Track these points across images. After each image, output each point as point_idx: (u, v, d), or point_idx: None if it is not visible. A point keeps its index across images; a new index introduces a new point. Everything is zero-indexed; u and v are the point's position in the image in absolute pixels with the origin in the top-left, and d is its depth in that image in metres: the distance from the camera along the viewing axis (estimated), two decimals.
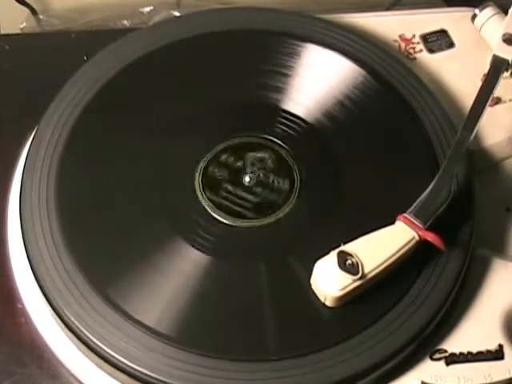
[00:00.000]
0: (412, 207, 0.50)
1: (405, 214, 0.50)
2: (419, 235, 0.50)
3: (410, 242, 0.50)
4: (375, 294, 0.50)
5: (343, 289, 0.48)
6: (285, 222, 0.54)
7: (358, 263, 0.48)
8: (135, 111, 0.58)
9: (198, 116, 0.58)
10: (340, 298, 0.48)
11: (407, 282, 0.51)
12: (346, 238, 0.49)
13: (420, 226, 0.50)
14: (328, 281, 0.48)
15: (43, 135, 0.56)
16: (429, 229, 0.49)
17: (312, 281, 0.49)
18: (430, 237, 0.49)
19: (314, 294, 0.49)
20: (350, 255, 0.48)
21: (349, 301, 0.49)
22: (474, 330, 0.51)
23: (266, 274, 0.51)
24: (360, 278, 0.48)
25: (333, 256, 0.48)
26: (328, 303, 0.49)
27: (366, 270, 0.48)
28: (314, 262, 0.49)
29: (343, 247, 0.49)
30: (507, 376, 0.50)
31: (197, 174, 0.55)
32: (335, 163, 0.56)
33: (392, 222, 0.50)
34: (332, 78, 0.60)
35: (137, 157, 0.56)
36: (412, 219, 0.50)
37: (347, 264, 0.48)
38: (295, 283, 0.50)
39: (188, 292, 0.50)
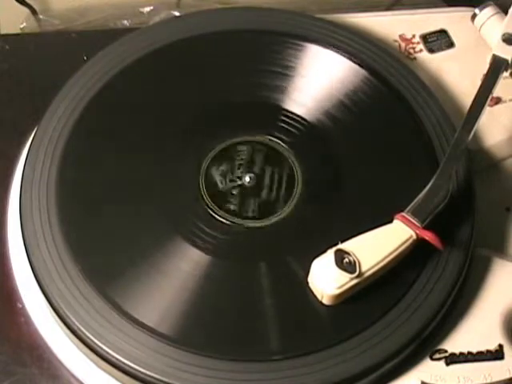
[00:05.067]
0: (410, 206, 0.50)
1: (402, 213, 0.50)
2: (417, 234, 0.50)
3: (407, 240, 0.50)
4: (375, 294, 0.50)
5: (340, 287, 0.48)
6: (285, 221, 0.54)
7: (355, 262, 0.48)
8: (135, 111, 0.58)
9: (198, 116, 0.58)
10: (337, 297, 0.48)
11: (407, 282, 0.51)
12: (347, 238, 0.49)
13: (418, 224, 0.50)
14: (325, 279, 0.48)
15: (43, 135, 0.56)
16: (427, 228, 0.49)
17: (309, 279, 0.49)
18: (428, 236, 0.49)
19: (312, 292, 0.49)
20: (348, 253, 0.48)
21: (349, 301, 0.49)
22: (474, 330, 0.51)
23: (266, 273, 0.51)
24: (357, 277, 0.48)
25: (330, 254, 0.48)
26: (325, 301, 0.49)
27: (364, 269, 0.48)
28: (313, 261, 0.49)
29: (340, 245, 0.49)
30: (507, 376, 0.50)
31: (197, 174, 0.55)
32: (335, 163, 0.56)
33: (390, 221, 0.50)
34: (332, 77, 0.60)
35: (137, 157, 0.56)
36: (410, 218, 0.50)
37: (344, 262, 0.48)
38: (295, 283, 0.50)
39: (188, 292, 0.50)
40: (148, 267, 0.51)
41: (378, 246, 0.49)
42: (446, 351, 0.50)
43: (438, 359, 0.50)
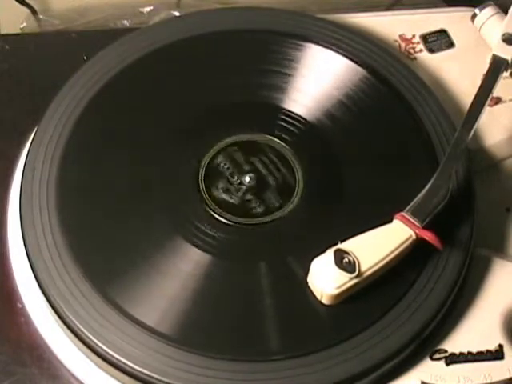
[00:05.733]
0: (409, 206, 0.50)
1: (402, 213, 0.50)
2: (416, 234, 0.50)
3: (406, 240, 0.50)
4: (375, 293, 0.50)
5: (340, 287, 0.48)
6: (285, 221, 0.54)
7: (354, 261, 0.48)
8: (135, 111, 0.58)
9: (198, 116, 0.58)
10: (336, 296, 0.48)
11: (407, 282, 0.51)
12: (346, 238, 0.49)
13: (417, 224, 0.50)
14: (325, 279, 0.48)
15: (43, 135, 0.56)
16: (426, 227, 0.49)
17: (309, 279, 0.49)
18: (427, 235, 0.49)
19: (311, 291, 0.49)
20: (347, 253, 0.48)
21: (349, 300, 0.49)
22: (474, 330, 0.51)
23: (266, 274, 0.51)
24: (356, 276, 0.48)
25: (329, 254, 0.48)
26: (325, 301, 0.49)
27: (363, 269, 0.48)
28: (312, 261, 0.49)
29: (340, 245, 0.49)
30: (507, 376, 0.50)
31: (197, 174, 0.55)
32: (335, 162, 0.56)
33: (390, 221, 0.50)
34: (332, 77, 0.60)
35: (137, 157, 0.56)
36: (409, 218, 0.50)
37: (344, 262, 0.48)
38: (296, 283, 0.50)
39: (188, 292, 0.50)
40: (148, 267, 0.51)
41: (378, 245, 0.49)
42: (446, 351, 0.50)
43: (438, 359, 0.50)
